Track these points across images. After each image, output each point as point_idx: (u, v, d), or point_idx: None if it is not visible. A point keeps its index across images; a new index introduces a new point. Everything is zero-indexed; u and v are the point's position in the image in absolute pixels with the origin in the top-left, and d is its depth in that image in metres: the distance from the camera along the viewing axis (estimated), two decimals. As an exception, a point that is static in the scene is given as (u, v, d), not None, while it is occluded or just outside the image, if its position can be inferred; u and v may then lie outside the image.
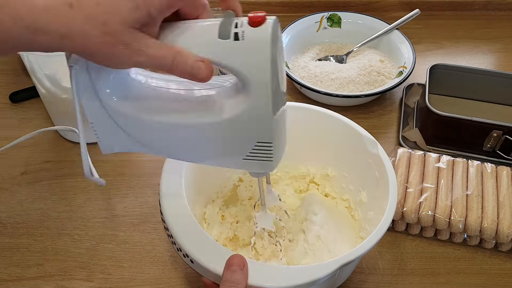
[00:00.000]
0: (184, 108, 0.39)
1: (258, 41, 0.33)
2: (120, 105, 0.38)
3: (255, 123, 0.37)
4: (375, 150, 0.52)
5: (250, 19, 0.33)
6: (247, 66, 0.34)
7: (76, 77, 0.37)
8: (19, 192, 0.63)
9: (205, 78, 0.35)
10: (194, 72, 0.34)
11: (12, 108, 0.75)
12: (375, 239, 0.43)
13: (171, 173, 0.49)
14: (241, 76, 0.35)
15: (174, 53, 0.34)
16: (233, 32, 0.33)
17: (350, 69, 0.77)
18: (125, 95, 0.39)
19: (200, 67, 0.34)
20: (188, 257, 0.42)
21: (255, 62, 0.34)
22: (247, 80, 0.34)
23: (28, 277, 0.54)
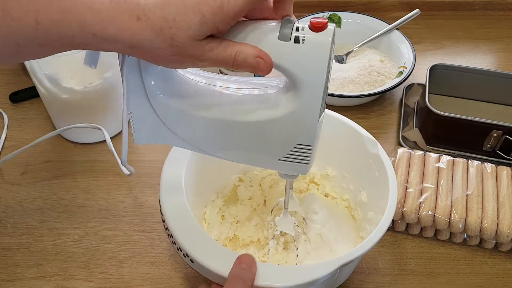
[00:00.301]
0: (228, 105, 0.40)
1: (319, 46, 0.34)
2: (165, 98, 0.39)
3: (301, 124, 0.38)
4: (375, 150, 0.52)
5: (312, 23, 0.34)
6: (303, 69, 0.35)
7: (128, 67, 0.38)
8: (19, 192, 0.63)
9: (266, 72, 0.35)
10: (253, 66, 0.35)
11: (12, 108, 0.75)
12: (375, 239, 0.43)
13: (171, 173, 0.49)
14: (294, 78, 0.35)
15: (234, 51, 0.34)
16: (294, 35, 0.34)
17: (350, 69, 0.77)
18: (172, 89, 0.40)
19: (259, 62, 0.35)
20: (188, 256, 0.42)
21: (312, 66, 0.35)
22: (301, 83, 0.35)
23: (28, 277, 0.54)
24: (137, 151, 0.69)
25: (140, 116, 0.41)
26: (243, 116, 0.39)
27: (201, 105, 0.40)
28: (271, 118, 0.38)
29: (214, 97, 0.40)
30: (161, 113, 0.40)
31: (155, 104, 0.40)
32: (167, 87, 0.40)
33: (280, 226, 0.50)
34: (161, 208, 0.46)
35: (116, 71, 0.66)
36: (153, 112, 0.41)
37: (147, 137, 0.43)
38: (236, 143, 0.41)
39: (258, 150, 0.40)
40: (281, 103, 0.38)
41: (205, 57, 0.34)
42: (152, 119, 0.41)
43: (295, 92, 0.36)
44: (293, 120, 0.37)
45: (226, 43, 0.35)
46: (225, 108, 0.39)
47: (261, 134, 0.39)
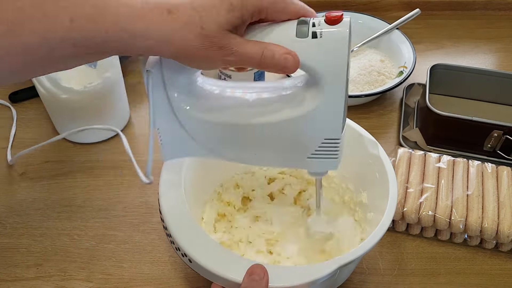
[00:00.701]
0: (251, 108, 0.40)
1: (337, 39, 0.35)
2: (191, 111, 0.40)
3: (325, 118, 0.38)
4: (376, 151, 0.52)
5: (327, 17, 0.35)
6: (324, 63, 0.35)
7: (152, 81, 0.38)
8: (19, 192, 0.63)
9: (293, 69, 0.36)
10: (282, 64, 0.35)
11: (12, 108, 0.75)
12: (375, 239, 0.43)
13: (171, 173, 0.49)
14: (316, 73, 0.36)
15: (262, 48, 0.35)
16: (311, 31, 0.35)
17: (350, 69, 0.77)
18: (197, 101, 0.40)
19: (287, 58, 0.35)
20: (186, 256, 0.42)
21: (333, 59, 0.35)
22: (322, 77, 0.36)
23: (28, 277, 0.54)
24: (137, 151, 0.68)
25: (167, 132, 0.42)
26: (269, 117, 0.39)
27: (228, 113, 0.40)
28: (297, 115, 0.38)
29: (239, 104, 0.40)
30: (188, 126, 0.41)
31: (182, 118, 0.40)
32: (193, 100, 0.40)
33: (314, 227, 0.50)
34: (160, 208, 0.46)
35: (115, 71, 0.66)
36: (180, 126, 0.41)
37: (174, 152, 0.44)
38: (265, 146, 0.41)
39: (287, 150, 0.41)
40: (305, 100, 0.38)
41: (234, 51, 0.34)
42: (179, 133, 0.41)
43: (317, 87, 0.37)
44: (319, 115, 0.38)
45: (253, 42, 0.35)
46: (251, 113, 0.40)
47: (288, 133, 0.39)
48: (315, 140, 0.39)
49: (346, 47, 0.35)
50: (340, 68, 0.35)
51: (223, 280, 0.41)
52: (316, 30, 0.35)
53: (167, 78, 0.38)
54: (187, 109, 0.40)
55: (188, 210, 0.45)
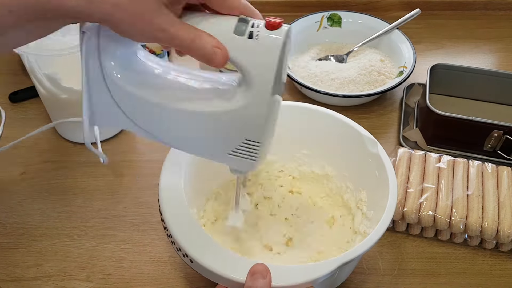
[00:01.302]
0: (182, 94, 0.40)
1: (270, 44, 0.35)
2: (122, 82, 0.39)
3: (248, 119, 0.38)
4: (375, 149, 0.52)
5: (267, 22, 0.35)
6: (254, 64, 0.35)
7: (86, 42, 0.37)
8: (18, 192, 0.63)
9: (220, 64, 0.36)
10: (210, 56, 0.35)
11: (12, 108, 0.75)
12: (375, 238, 0.43)
13: (171, 173, 0.49)
14: (245, 73, 0.36)
15: (194, 35, 0.35)
16: (249, 31, 0.35)
17: (350, 69, 0.77)
18: (128, 70, 0.39)
19: (216, 52, 0.35)
20: (187, 256, 0.42)
21: (262, 63, 0.35)
22: (251, 78, 0.36)
23: (28, 277, 0.54)
24: (137, 151, 0.69)
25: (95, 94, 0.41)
26: (195, 105, 0.39)
27: (157, 89, 0.40)
28: (222, 110, 0.38)
29: (169, 84, 0.40)
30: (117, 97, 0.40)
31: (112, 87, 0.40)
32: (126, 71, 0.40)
33: (231, 221, 0.51)
34: (160, 208, 0.46)
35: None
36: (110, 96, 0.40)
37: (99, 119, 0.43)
38: (188, 132, 0.41)
39: (209, 142, 0.41)
40: (234, 97, 0.38)
41: (164, 27, 0.34)
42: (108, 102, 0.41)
43: (246, 87, 0.37)
44: (243, 115, 0.38)
45: (187, 25, 0.35)
46: (178, 96, 0.40)
47: (212, 125, 0.39)
48: (236, 138, 0.39)
49: (278, 54, 0.35)
50: (268, 73, 0.35)
51: (225, 280, 0.41)
52: (253, 31, 0.35)
53: (103, 42, 0.38)
54: (117, 78, 0.39)
55: (189, 210, 0.45)
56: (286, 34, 0.35)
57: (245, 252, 0.52)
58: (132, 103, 0.40)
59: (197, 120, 0.40)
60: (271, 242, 0.54)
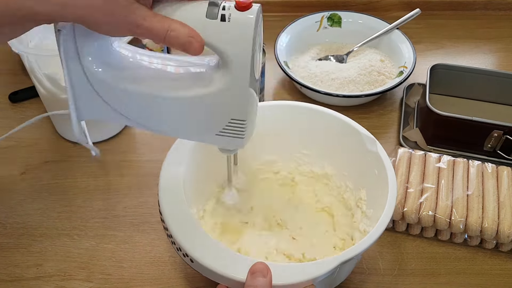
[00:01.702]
0: (163, 81, 0.41)
1: (243, 24, 0.36)
2: (102, 74, 0.40)
3: (231, 100, 0.39)
4: (374, 148, 0.52)
5: (237, 3, 0.36)
6: (230, 45, 0.36)
7: (63, 41, 0.38)
8: (18, 192, 0.63)
9: (196, 52, 0.36)
10: (186, 46, 0.36)
11: (12, 108, 0.75)
12: (375, 236, 0.43)
13: (170, 173, 0.49)
14: (223, 55, 0.37)
15: (168, 25, 0.35)
16: (221, 14, 0.36)
17: (350, 69, 0.77)
18: (107, 63, 0.40)
19: (191, 41, 0.36)
20: (188, 256, 0.42)
21: (238, 43, 0.36)
22: (229, 59, 0.37)
23: (28, 277, 0.54)
24: (137, 151, 0.69)
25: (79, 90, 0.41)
26: (178, 92, 0.40)
27: (138, 79, 0.41)
28: (205, 94, 0.39)
29: (149, 72, 0.41)
30: (100, 90, 0.41)
31: (93, 81, 0.40)
32: (104, 64, 0.40)
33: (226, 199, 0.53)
34: (160, 208, 0.46)
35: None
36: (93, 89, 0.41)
37: (86, 113, 0.43)
38: (174, 119, 0.42)
39: (196, 125, 0.42)
40: (213, 79, 0.39)
41: (139, 23, 0.34)
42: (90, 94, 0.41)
43: (225, 69, 0.38)
44: (225, 96, 0.39)
45: (160, 16, 0.35)
46: (160, 84, 0.41)
47: (196, 110, 0.40)
48: (222, 119, 0.41)
49: (252, 32, 0.36)
50: (245, 52, 0.36)
51: (226, 279, 0.41)
52: (225, 13, 0.36)
53: (78, 37, 0.38)
54: (97, 70, 0.40)
55: (189, 210, 0.45)
56: (257, 13, 0.36)
57: (245, 252, 0.52)
58: (114, 94, 0.41)
59: (180, 105, 0.41)
60: (271, 241, 0.54)
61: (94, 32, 0.36)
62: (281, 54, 0.78)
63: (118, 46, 0.41)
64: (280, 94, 0.79)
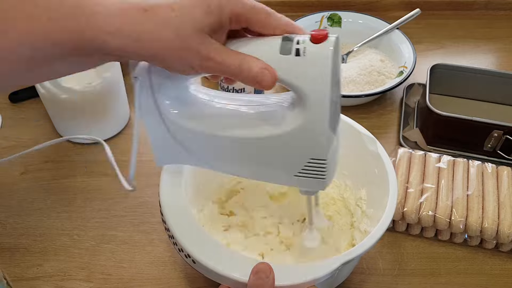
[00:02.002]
0: (242, 122, 0.40)
1: (320, 57, 0.34)
2: (179, 118, 0.40)
3: (310, 138, 0.37)
4: (374, 147, 0.52)
5: (312, 36, 0.34)
6: (306, 81, 0.35)
7: (140, 89, 0.38)
8: (18, 192, 0.63)
9: (269, 86, 0.35)
10: (258, 79, 0.35)
11: (12, 108, 0.75)
12: (376, 237, 0.43)
13: (171, 173, 0.48)
14: (299, 91, 0.35)
15: (240, 59, 0.35)
16: (295, 48, 0.34)
17: (350, 69, 0.77)
18: (185, 109, 0.40)
19: (264, 74, 0.35)
20: (190, 257, 0.42)
21: (315, 77, 0.34)
22: (305, 96, 0.35)
23: (28, 277, 0.54)
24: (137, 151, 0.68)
25: (157, 138, 0.42)
26: (253, 132, 0.39)
27: (214, 123, 0.40)
28: (281, 133, 0.38)
29: (226, 115, 0.41)
30: (175, 133, 0.41)
31: (169, 124, 0.40)
32: (180, 106, 0.40)
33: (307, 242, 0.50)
34: (162, 209, 0.46)
35: (115, 71, 0.66)
36: (168, 133, 0.41)
37: (166, 158, 0.44)
38: (250, 160, 0.41)
39: (272, 167, 0.41)
40: (289, 117, 0.38)
41: (211, 57, 0.34)
42: (168, 140, 0.42)
43: (301, 106, 0.36)
44: (303, 135, 0.37)
45: (233, 51, 0.35)
46: (237, 126, 0.40)
47: (273, 150, 0.39)
48: (300, 159, 0.39)
49: (330, 66, 0.34)
50: (323, 87, 0.35)
51: (228, 280, 0.41)
52: (299, 47, 0.34)
53: (155, 83, 0.38)
54: (174, 115, 0.40)
55: (190, 211, 0.45)
56: (334, 44, 0.34)
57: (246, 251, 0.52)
58: (188, 137, 0.41)
59: (252, 146, 0.40)
60: (271, 242, 0.54)
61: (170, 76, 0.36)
62: (281, 54, 0.78)
63: (193, 90, 0.41)
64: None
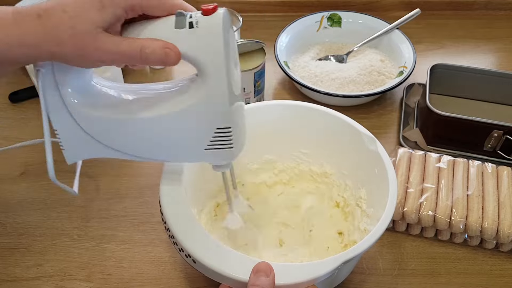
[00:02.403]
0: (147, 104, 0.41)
1: (211, 26, 0.36)
2: (85, 108, 0.40)
3: (213, 108, 0.39)
4: (374, 146, 0.52)
5: (202, 9, 0.37)
6: (202, 51, 0.37)
7: (43, 80, 0.39)
8: (18, 192, 0.63)
9: (174, 62, 0.37)
10: (163, 58, 0.36)
11: (12, 108, 0.75)
12: (376, 236, 0.43)
13: (171, 173, 0.48)
14: (197, 62, 0.37)
15: (141, 45, 0.36)
16: (188, 22, 0.36)
17: (350, 69, 0.77)
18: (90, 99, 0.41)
19: (167, 53, 0.36)
20: (190, 257, 0.42)
21: (209, 45, 0.37)
22: (204, 65, 0.37)
23: (28, 277, 0.54)
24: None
25: (66, 133, 0.42)
26: (159, 111, 0.40)
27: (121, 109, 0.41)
28: (186, 107, 0.39)
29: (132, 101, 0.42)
30: (85, 126, 0.41)
31: (78, 117, 0.41)
32: (86, 99, 0.41)
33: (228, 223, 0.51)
34: (162, 209, 0.46)
35: (115, 71, 0.66)
36: (78, 126, 0.41)
37: (77, 154, 0.45)
38: (161, 141, 0.42)
39: (184, 144, 0.42)
40: (192, 91, 0.39)
41: (110, 50, 0.35)
42: (78, 133, 0.42)
43: (201, 77, 0.38)
44: (206, 105, 0.39)
45: (130, 39, 0.36)
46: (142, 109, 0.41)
47: (181, 125, 0.41)
48: (208, 131, 0.41)
49: (221, 33, 0.36)
50: (217, 55, 0.37)
51: (229, 280, 0.41)
52: (192, 20, 0.36)
53: (58, 76, 0.39)
54: (79, 105, 0.40)
55: (191, 210, 0.45)
56: (223, 15, 0.36)
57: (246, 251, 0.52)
58: (100, 126, 0.41)
59: (164, 123, 0.41)
60: (271, 241, 0.54)
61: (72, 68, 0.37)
62: (281, 54, 0.78)
63: (95, 81, 0.42)
64: (280, 94, 0.79)
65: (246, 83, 0.69)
